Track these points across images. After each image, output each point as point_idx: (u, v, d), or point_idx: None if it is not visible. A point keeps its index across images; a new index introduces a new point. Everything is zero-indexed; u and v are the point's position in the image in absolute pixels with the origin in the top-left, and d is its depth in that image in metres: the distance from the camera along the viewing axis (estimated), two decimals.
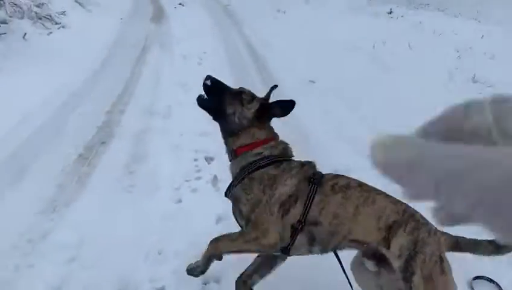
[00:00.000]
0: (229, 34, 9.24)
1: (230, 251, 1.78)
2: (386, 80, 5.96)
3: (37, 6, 8.61)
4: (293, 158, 1.89)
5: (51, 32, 7.91)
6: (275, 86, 2.07)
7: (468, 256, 1.71)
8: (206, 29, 9.25)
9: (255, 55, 7.55)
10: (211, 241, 1.81)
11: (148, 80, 6.09)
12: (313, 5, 12.26)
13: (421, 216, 1.67)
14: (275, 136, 1.93)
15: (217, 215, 2.88)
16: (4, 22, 7.14)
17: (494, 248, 1.67)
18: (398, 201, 1.69)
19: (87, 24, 9.04)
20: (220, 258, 1.83)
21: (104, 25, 9.15)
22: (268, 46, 8.11)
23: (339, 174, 1.85)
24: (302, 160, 1.87)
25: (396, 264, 1.55)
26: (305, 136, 4.25)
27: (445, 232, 1.70)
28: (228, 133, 1.91)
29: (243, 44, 8.37)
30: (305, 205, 1.68)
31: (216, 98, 1.89)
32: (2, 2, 6.81)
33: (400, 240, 1.60)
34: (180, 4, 12.50)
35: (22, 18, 7.60)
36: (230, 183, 1.86)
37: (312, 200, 1.69)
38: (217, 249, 1.78)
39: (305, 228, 1.68)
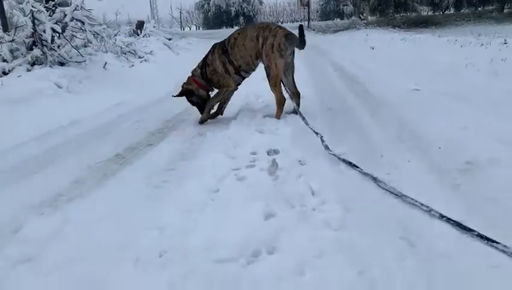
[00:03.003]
0: (318, 62, 8.44)
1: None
2: None
3: (126, 46, 8.75)
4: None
5: (132, 65, 7.81)
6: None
7: None
8: None
9: (345, 74, 6.53)
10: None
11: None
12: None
13: (273, 24, 3.86)
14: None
15: (266, 210, 1.78)
16: (90, 55, 7.16)
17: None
18: (262, 24, 4.08)
19: (169, 60, 8.94)
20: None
21: (186, 60, 8.96)
22: (359, 68, 7.09)
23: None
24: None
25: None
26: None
27: (282, 28, 3.75)
28: None
29: (332, 68, 7.45)
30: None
31: None
32: (88, 42, 6.86)
33: (260, 41, 3.69)
34: None
35: (106, 52, 7.62)
36: None
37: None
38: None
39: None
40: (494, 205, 1.85)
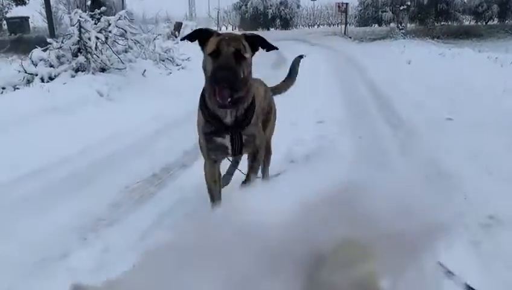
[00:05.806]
0: (351, 78, 8.48)
1: None
2: None
3: (164, 52, 9.03)
4: None
5: (170, 73, 8.08)
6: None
7: None
8: (320, 76, 8.68)
9: (378, 95, 6.56)
10: None
11: None
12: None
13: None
14: None
15: None
16: (130, 62, 7.47)
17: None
18: None
19: None
20: None
21: None
22: (394, 88, 7.08)
23: None
24: None
25: None
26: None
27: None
28: None
29: (365, 86, 7.49)
30: None
31: None
32: (129, 48, 7.18)
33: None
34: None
35: (145, 59, 7.92)
36: None
37: None
38: None
39: None
40: None
